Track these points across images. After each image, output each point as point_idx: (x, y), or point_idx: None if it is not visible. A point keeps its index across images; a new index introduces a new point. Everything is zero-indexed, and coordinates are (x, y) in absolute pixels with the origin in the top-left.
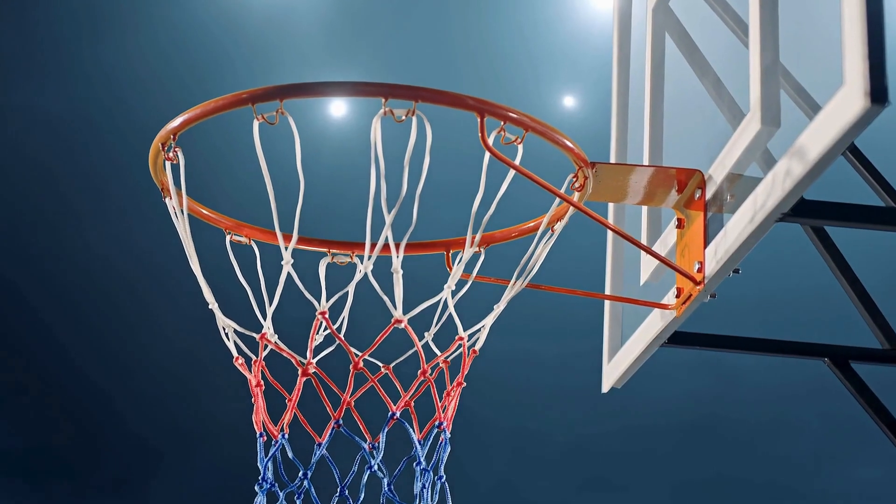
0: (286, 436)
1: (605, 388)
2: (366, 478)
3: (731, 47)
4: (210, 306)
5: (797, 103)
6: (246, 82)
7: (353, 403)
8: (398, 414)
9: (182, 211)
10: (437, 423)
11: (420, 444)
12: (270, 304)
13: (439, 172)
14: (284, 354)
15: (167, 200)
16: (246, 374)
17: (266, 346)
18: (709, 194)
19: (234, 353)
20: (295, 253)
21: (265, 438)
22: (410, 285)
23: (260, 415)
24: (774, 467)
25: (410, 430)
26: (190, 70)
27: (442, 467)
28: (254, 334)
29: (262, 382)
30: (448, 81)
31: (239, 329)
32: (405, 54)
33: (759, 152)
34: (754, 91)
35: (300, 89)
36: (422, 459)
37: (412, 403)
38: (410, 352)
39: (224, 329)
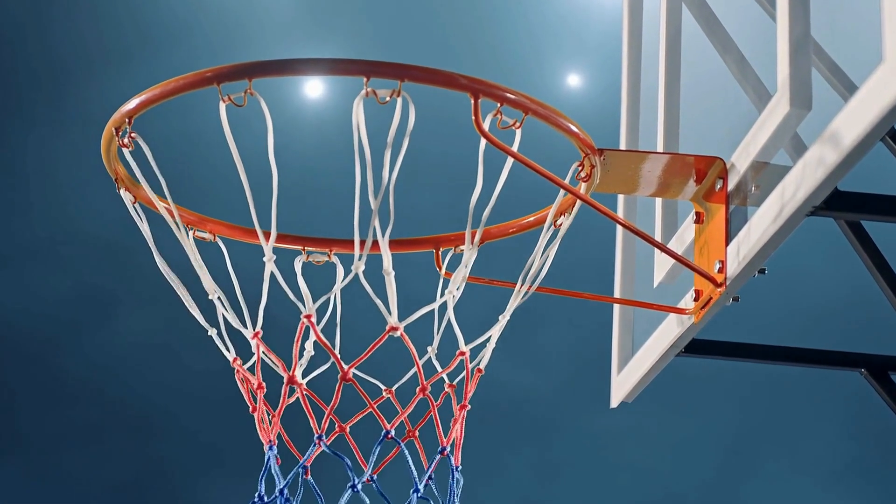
0: (275, 448)
1: (615, 403)
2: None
3: (757, 20)
4: (212, 296)
5: (830, 83)
6: (210, 60)
7: (347, 429)
8: (392, 432)
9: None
10: (440, 448)
11: (423, 472)
12: (260, 303)
13: (424, 157)
14: (272, 358)
15: (122, 192)
16: (248, 377)
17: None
18: (731, 185)
19: (232, 354)
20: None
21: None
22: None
23: (265, 425)
24: None
25: (407, 453)
26: (146, 45)
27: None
28: (244, 331)
29: (264, 384)
30: (438, 58)
31: (232, 323)
32: (389, 28)
33: (787, 138)
34: (783, 69)
35: (271, 67)
36: (419, 486)
37: (416, 432)
38: (411, 373)
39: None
